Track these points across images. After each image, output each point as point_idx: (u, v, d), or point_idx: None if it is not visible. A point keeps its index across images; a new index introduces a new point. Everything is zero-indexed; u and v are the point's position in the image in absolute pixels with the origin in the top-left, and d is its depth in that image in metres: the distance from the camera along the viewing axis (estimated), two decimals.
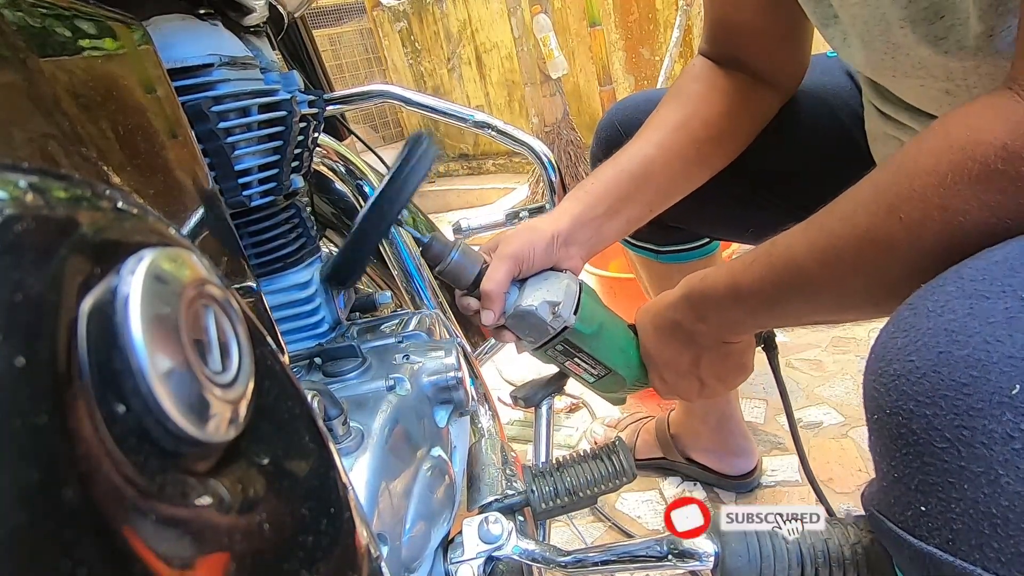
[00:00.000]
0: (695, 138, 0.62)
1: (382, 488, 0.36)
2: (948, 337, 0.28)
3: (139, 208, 0.17)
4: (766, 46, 0.63)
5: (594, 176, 0.62)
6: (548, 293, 0.53)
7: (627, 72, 3.17)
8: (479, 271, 0.54)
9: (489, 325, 0.55)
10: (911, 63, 0.45)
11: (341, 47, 4.25)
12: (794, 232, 0.43)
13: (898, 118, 0.54)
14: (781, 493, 1.00)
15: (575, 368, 0.58)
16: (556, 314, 0.53)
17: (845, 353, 1.33)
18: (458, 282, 0.54)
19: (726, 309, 0.49)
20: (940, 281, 0.31)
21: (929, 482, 0.28)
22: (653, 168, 0.61)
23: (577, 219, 0.58)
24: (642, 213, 0.63)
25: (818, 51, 0.69)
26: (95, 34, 0.27)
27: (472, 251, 0.54)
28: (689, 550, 0.39)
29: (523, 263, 0.54)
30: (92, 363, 0.13)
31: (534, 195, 2.98)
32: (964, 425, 0.26)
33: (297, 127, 0.47)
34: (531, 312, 0.53)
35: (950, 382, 0.27)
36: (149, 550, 0.13)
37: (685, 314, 0.53)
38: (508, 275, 0.53)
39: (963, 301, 0.29)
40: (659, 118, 0.64)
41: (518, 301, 0.54)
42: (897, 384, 0.29)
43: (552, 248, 0.56)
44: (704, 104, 0.63)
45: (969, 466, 0.26)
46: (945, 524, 0.27)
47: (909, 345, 0.29)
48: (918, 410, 0.28)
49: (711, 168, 0.65)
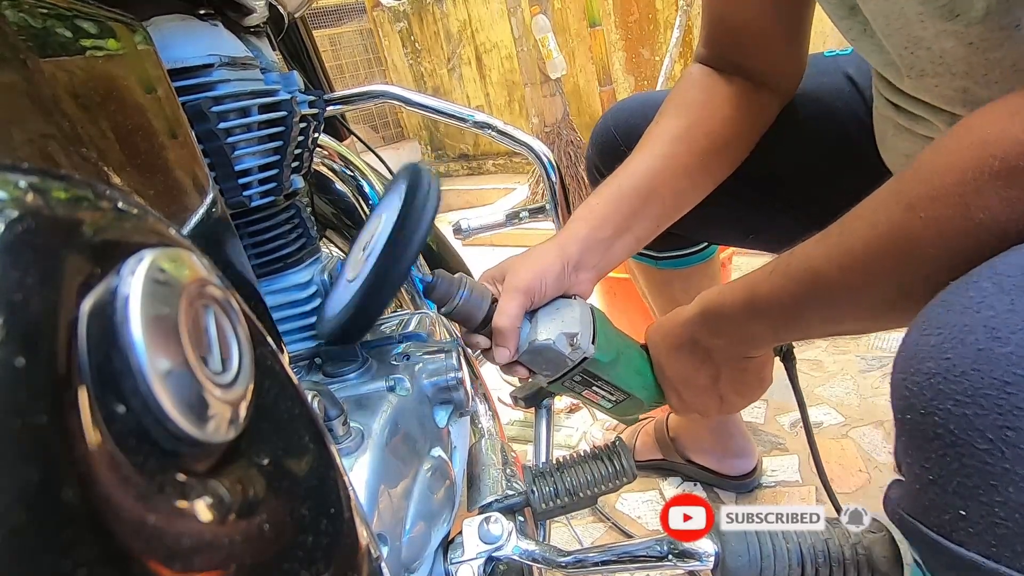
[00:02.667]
0: (699, 148, 0.60)
1: (382, 488, 0.36)
2: (988, 334, 0.27)
3: (139, 208, 0.17)
4: (766, 46, 0.62)
5: (597, 195, 0.59)
6: (564, 324, 0.50)
7: (627, 72, 3.17)
8: (489, 308, 0.50)
9: (503, 363, 0.52)
10: (930, 58, 0.44)
11: (341, 47, 4.25)
12: (812, 241, 0.42)
13: (912, 110, 0.52)
14: (781, 493, 1.00)
15: (592, 396, 0.56)
16: (575, 346, 0.50)
17: (845, 353, 1.33)
18: (467, 322, 0.51)
19: (744, 324, 0.48)
20: (974, 277, 0.30)
21: (969, 485, 0.27)
22: (658, 182, 0.59)
23: (585, 242, 0.56)
24: (651, 229, 0.61)
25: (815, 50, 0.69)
26: (96, 34, 0.27)
27: (480, 286, 0.51)
28: (689, 550, 0.39)
29: (535, 295, 0.51)
30: (92, 363, 0.13)
31: (534, 195, 2.98)
32: (1008, 425, 0.25)
33: (297, 127, 0.47)
34: (548, 347, 0.49)
35: (991, 380, 0.26)
36: (149, 550, 0.13)
37: (702, 331, 0.52)
38: (521, 309, 0.50)
39: (1001, 297, 0.28)
40: (660, 129, 0.62)
41: (532, 336, 0.50)
42: (932, 383, 0.28)
43: (564, 276, 0.54)
44: (705, 113, 0.62)
45: (1014, 468, 0.25)
46: (988, 529, 0.26)
47: (944, 343, 0.28)
48: (956, 409, 0.27)
49: (716, 178, 0.64)
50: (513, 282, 0.51)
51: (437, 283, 0.48)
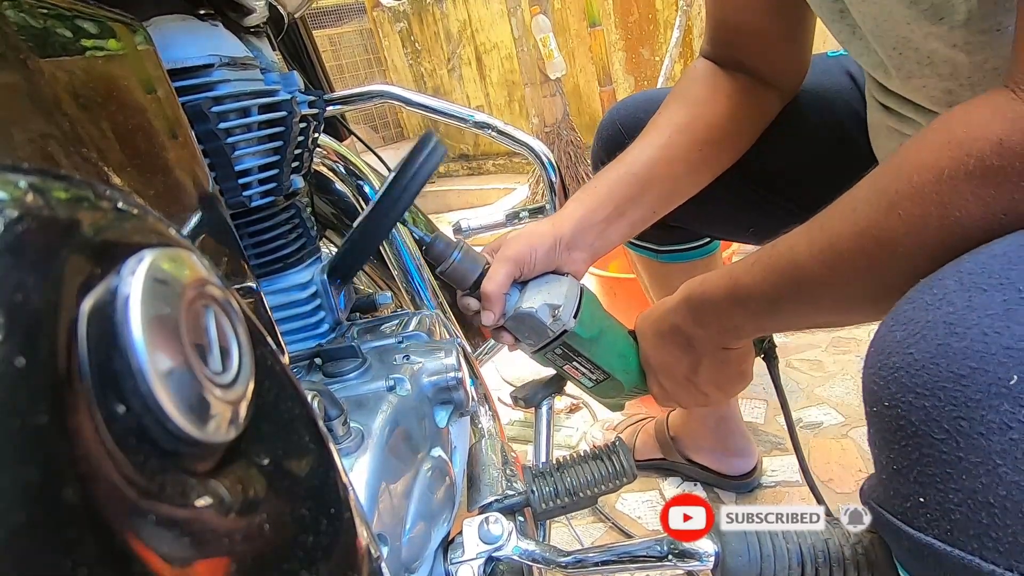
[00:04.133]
0: (698, 140, 0.62)
1: (382, 488, 0.36)
2: (947, 329, 0.28)
3: (139, 208, 0.17)
4: (768, 47, 0.63)
5: (597, 179, 0.62)
6: (549, 296, 0.53)
7: (627, 72, 3.17)
8: (480, 272, 0.54)
9: (488, 326, 0.55)
10: (917, 59, 0.45)
11: (341, 47, 4.25)
12: (795, 233, 0.43)
13: (901, 111, 0.54)
14: (781, 493, 1.00)
15: (573, 372, 0.58)
16: (556, 317, 0.52)
17: (845, 353, 1.33)
18: (459, 283, 0.54)
19: (726, 313, 0.49)
20: (939, 275, 0.31)
21: (928, 473, 0.28)
22: (656, 171, 0.61)
23: (580, 223, 0.58)
24: (646, 216, 0.63)
25: (818, 51, 0.70)
26: (96, 34, 0.27)
27: (474, 252, 0.55)
28: (689, 550, 0.39)
29: (524, 266, 0.55)
30: (92, 363, 0.13)
31: (534, 195, 2.98)
32: (962, 416, 0.27)
33: (297, 127, 0.47)
34: (530, 314, 0.53)
35: (948, 373, 0.27)
36: (149, 550, 0.13)
37: (684, 318, 0.53)
38: (508, 277, 0.54)
39: (962, 294, 0.29)
40: (662, 120, 0.64)
41: (518, 303, 0.54)
42: (896, 376, 0.30)
43: (554, 252, 0.56)
44: (707, 106, 0.63)
45: (967, 456, 0.26)
46: (944, 515, 0.28)
47: (908, 338, 0.30)
48: (917, 402, 0.28)
49: (714, 170, 0.65)
50: (505, 252, 0.54)
51: (434, 243, 0.53)
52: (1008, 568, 0.25)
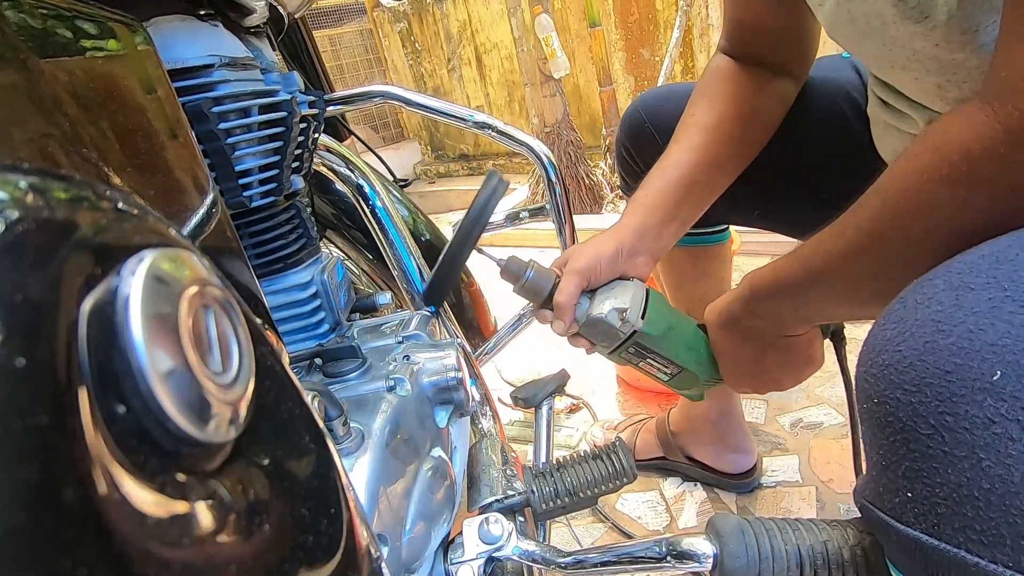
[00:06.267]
0: (730, 136, 0.66)
1: (382, 488, 0.36)
2: (934, 327, 0.29)
3: (139, 209, 0.17)
4: (782, 41, 0.68)
5: (645, 187, 0.67)
6: (616, 300, 0.58)
7: (627, 72, 3.17)
8: (552, 286, 0.59)
9: (562, 334, 0.60)
10: (906, 55, 0.47)
11: (341, 48, 4.24)
12: (820, 235, 0.47)
13: (898, 107, 0.56)
14: (781, 493, 1.00)
15: (649, 368, 0.62)
16: (624, 319, 0.56)
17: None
18: (535, 297, 0.59)
19: (773, 304, 0.53)
20: (930, 275, 0.32)
21: (915, 468, 0.29)
22: (698, 170, 0.65)
23: (638, 230, 0.63)
24: (694, 214, 0.68)
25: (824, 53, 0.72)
26: (96, 35, 0.27)
27: (544, 269, 0.60)
28: (688, 551, 0.39)
29: (591, 275, 0.59)
30: (92, 363, 0.13)
31: (534, 195, 2.98)
32: (947, 411, 0.27)
33: (297, 128, 0.47)
34: (601, 319, 0.57)
35: (935, 370, 0.28)
36: (149, 550, 0.13)
37: (741, 309, 0.56)
38: (578, 288, 0.58)
39: (949, 293, 0.30)
40: (694, 120, 0.68)
41: (589, 310, 0.58)
42: (885, 374, 0.30)
43: (618, 260, 0.61)
44: (733, 102, 0.67)
45: (952, 451, 0.27)
46: (930, 509, 0.28)
47: (897, 336, 0.30)
48: (904, 398, 0.29)
49: (745, 160, 0.70)
50: (573, 265, 0.60)
51: (509, 264, 0.59)
52: (992, 560, 0.26)
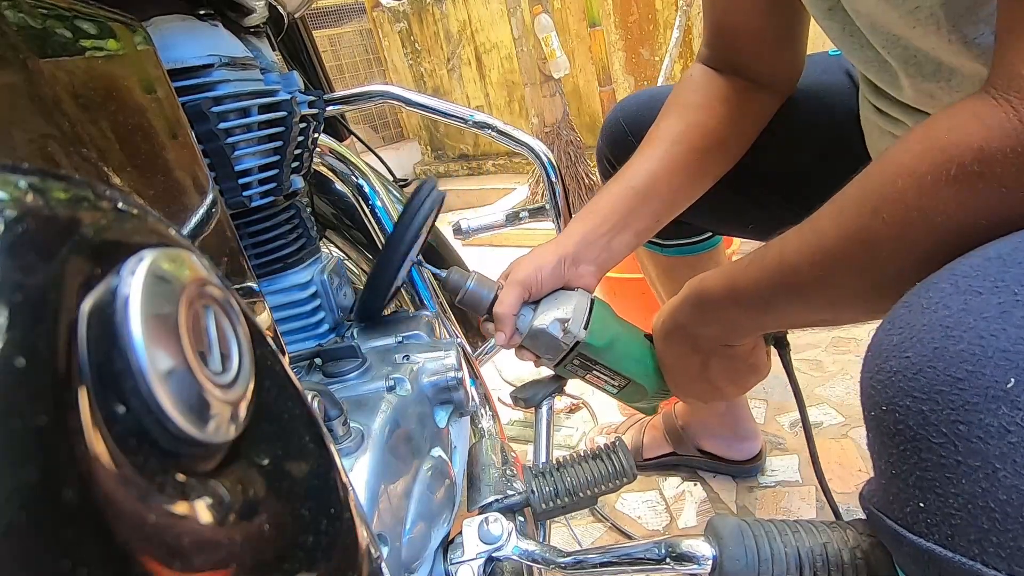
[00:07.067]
0: (696, 148, 0.64)
1: (382, 488, 0.36)
2: (943, 333, 0.28)
3: (139, 208, 0.17)
4: (763, 48, 0.64)
5: (600, 195, 0.64)
6: (558, 311, 0.56)
7: (627, 72, 3.17)
8: (493, 297, 0.57)
9: (504, 346, 0.58)
10: (905, 57, 0.46)
11: (341, 47, 4.24)
12: (788, 234, 0.44)
13: (892, 113, 0.55)
14: (781, 493, 1.00)
15: (596, 380, 0.60)
16: (566, 330, 0.55)
17: (845, 353, 1.33)
18: (475, 309, 0.58)
19: (725, 311, 0.50)
20: (935, 279, 0.31)
21: (927, 478, 0.28)
22: (657, 182, 0.63)
23: (583, 238, 0.60)
24: (650, 226, 0.65)
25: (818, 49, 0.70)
26: (95, 35, 0.27)
27: (487, 280, 0.58)
28: (687, 553, 0.39)
29: (532, 286, 0.57)
30: (92, 363, 0.13)
31: (534, 195, 2.98)
32: (960, 420, 0.26)
33: (297, 127, 0.47)
34: (542, 331, 0.55)
35: (945, 377, 0.27)
36: (149, 550, 0.13)
37: (688, 317, 0.54)
38: (518, 298, 0.56)
39: (957, 297, 0.29)
40: (660, 131, 0.65)
41: (531, 321, 0.57)
42: (893, 380, 0.29)
43: (560, 269, 0.59)
44: (703, 113, 0.65)
45: (966, 460, 0.26)
46: (944, 520, 0.27)
47: (904, 342, 0.30)
48: (914, 406, 0.28)
49: (714, 175, 0.67)
50: (513, 276, 0.58)
51: (449, 276, 0.57)
52: (1009, 573, 0.25)
